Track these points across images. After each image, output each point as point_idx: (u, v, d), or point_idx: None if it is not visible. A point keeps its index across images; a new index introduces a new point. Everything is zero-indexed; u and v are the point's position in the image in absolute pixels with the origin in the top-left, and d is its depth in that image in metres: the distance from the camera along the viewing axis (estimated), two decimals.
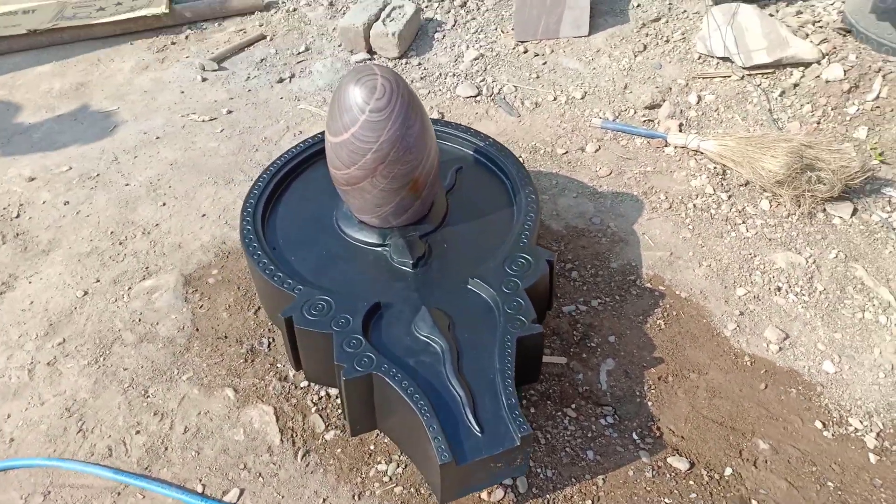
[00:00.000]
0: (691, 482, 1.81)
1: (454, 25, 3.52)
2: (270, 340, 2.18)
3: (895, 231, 2.38)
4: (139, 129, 3.12)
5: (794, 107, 2.82)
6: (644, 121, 2.89)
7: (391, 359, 1.70)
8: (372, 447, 1.90)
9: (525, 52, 3.30)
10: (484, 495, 1.76)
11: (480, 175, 2.23)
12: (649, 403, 1.98)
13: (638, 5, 3.42)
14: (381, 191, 1.86)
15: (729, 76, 2.96)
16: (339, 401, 1.99)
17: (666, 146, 2.75)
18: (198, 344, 2.18)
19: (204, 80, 3.40)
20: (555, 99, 3.04)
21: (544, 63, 3.23)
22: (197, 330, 2.23)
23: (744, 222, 2.46)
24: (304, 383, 2.05)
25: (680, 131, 2.80)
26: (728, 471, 1.83)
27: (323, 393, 2.02)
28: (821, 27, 2.99)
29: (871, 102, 2.72)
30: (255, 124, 3.10)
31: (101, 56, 3.64)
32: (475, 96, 3.10)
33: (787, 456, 1.85)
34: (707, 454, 1.86)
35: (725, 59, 3.00)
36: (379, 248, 1.99)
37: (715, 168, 2.64)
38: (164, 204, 2.72)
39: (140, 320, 2.27)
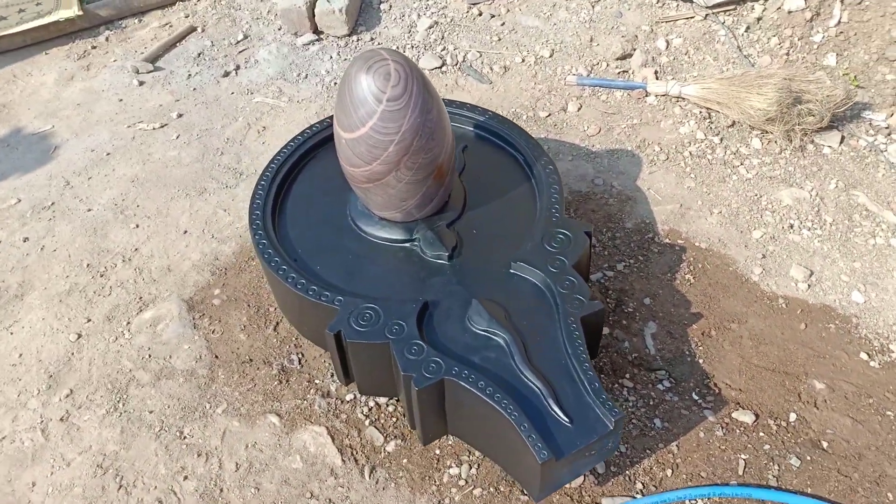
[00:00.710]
0: (761, 433, 1.83)
1: None
2: (300, 356, 2.05)
3: (884, 153, 2.44)
4: (84, 147, 2.86)
5: (762, 41, 2.85)
6: (619, 72, 2.85)
7: (457, 360, 1.62)
8: (438, 451, 1.83)
9: (480, 14, 3.19)
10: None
11: (487, 152, 2.15)
12: (700, 361, 1.98)
13: None
14: (407, 184, 1.76)
15: (692, 17, 2.96)
16: (392, 409, 1.91)
17: (647, 96, 2.73)
18: (222, 372, 2.03)
19: (141, 83, 3.14)
20: (523, 60, 2.96)
21: (502, 24, 3.14)
22: (216, 357, 2.08)
23: (741, 164, 2.48)
24: (349, 396, 1.95)
25: (657, 79, 2.78)
26: (792, 416, 1.86)
27: (372, 403, 1.93)
28: None
29: (833, 28, 2.77)
30: (212, 125, 2.90)
31: (15, 71, 3.31)
32: (440, 67, 2.99)
33: (843, 392, 1.89)
34: (768, 403, 1.88)
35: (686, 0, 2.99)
36: (407, 244, 1.89)
37: (700, 112, 2.65)
38: (136, 226, 2.51)
39: (150, 356, 2.10)
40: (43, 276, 2.36)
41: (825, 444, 1.81)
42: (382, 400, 1.93)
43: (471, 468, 1.79)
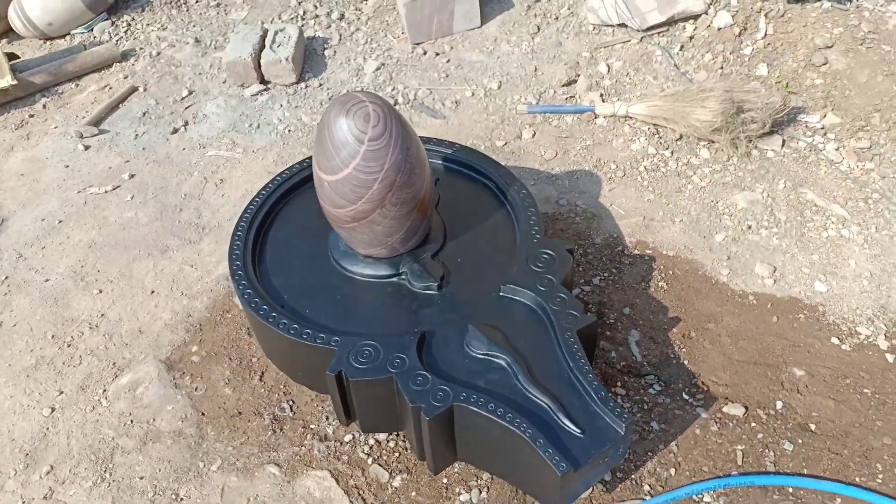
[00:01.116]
0: (753, 424, 1.89)
1: (341, 40, 3.42)
2: (291, 403, 2.02)
3: (823, 152, 2.60)
4: (34, 217, 2.78)
5: (696, 58, 3.00)
6: (566, 98, 2.96)
7: (462, 385, 1.63)
8: (445, 480, 1.83)
9: (425, 53, 3.27)
10: None
11: (459, 183, 2.19)
12: (685, 362, 2.04)
13: None
14: (392, 219, 1.78)
15: (629, 40, 3.10)
16: (393, 444, 1.89)
17: (596, 118, 2.84)
18: (212, 429, 1.98)
19: (86, 148, 3.08)
20: (473, 94, 3.04)
21: (448, 61, 3.22)
22: (203, 415, 2.03)
23: (694, 173, 2.59)
24: (348, 437, 1.93)
25: (603, 101, 2.89)
26: (779, 404, 1.93)
27: (372, 441, 1.91)
28: None
29: (761, 41, 2.95)
30: (167, 183, 2.86)
31: None
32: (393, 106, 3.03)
33: (822, 376, 1.98)
34: (755, 394, 1.95)
35: (621, 25, 3.13)
36: (394, 279, 1.91)
37: (648, 129, 2.76)
38: (99, 291, 2.44)
39: (133, 421, 2.03)
40: (5, 353, 2.27)
41: (813, 427, 1.88)
42: (382, 437, 1.92)
43: (481, 492, 1.79)
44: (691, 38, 3.03)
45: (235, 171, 2.87)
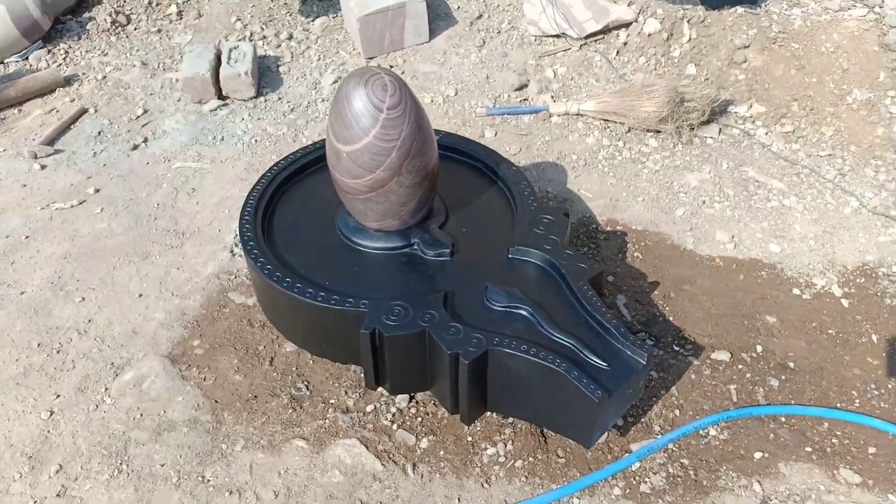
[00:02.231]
0: (740, 366, 2.09)
1: (293, 58, 3.52)
2: (306, 383, 2.06)
3: (754, 137, 2.90)
4: None
5: (632, 61, 3.29)
6: (520, 100, 3.16)
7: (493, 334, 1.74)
8: (470, 438, 1.91)
9: (379, 66, 3.40)
10: None
11: (450, 165, 2.31)
12: (671, 319, 2.22)
13: (458, 7, 3.70)
14: (407, 188, 1.88)
15: (569, 48, 3.35)
16: (414, 411, 1.96)
17: (551, 117, 3.05)
18: (228, 414, 1.99)
19: (43, 167, 3.01)
20: (432, 101, 3.19)
21: (402, 73, 3.37)
22: (216, 402, 2.03)
23: (647, 160, 2.83)
24: (370, 407, 1.98)
25: (554, 101, 3.11)
26: (759, 348, 2.13)
27: (394, 409, 1.97)
28: None
29: (687, 44, 3.26)
30: (136, 194, 2.84)
31: None
32: None
33: (791, 322, 2.21)
34: (737, 341, 2.15)
35: (560, 35, 3.39)
36: (406, 250, 2.00)
37: (599, 124, 2.99)
38: (82, 299, 2.39)
39: (143, 415, 2.01)
40: None
41: (792, 365, 2.09)
42: (403, 404, 1.98)
43: (506, 445, 1.88)
44: (625, 43, 3.32)
45: (206, 181, 2.88)
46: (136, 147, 3.08)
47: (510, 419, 1.93)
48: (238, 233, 2.00)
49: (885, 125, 2.91)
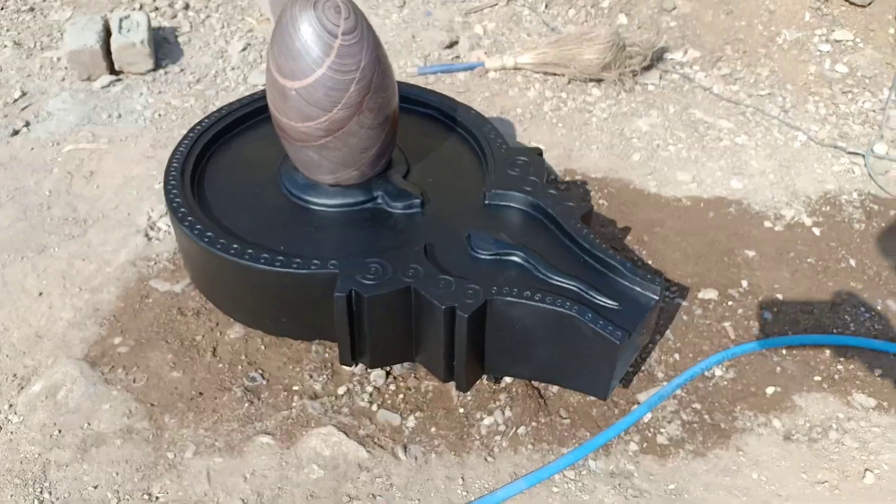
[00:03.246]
0: (729, 303, 1.96)
1: (192, 28, 3.16)
2: (259, 372, 1.76)
3: (694, 81, 2.82)
4: None
5: (562, 14, 3.15)
6: (452, 58, 2.95)
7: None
8: (461, 410, 1.68)
9: None
10: None
11: (404, 115, 2.06)
12: (650, 262, 2.07)
13: None
14: (369, 129, 1.63)
15: (496, 4, 3.18)
16: (394, 388, 1.71)
17: (487, 72, 2.86)
18: (170, 417, 1.67)
19: None
20: None
21: None
22: (153, 405, 1.70)
23: (593, 108, 2.69)
24: (342, 389, 1.72)
25: (488, 57, 2.92)
26: (744, 283, 2.02)
27: (370, 388, 1.72)
28: None
29: None
30: (21, 183, 2.43)
31: None
32: None
33: (769, 254, 2.11)
34: (720, 279, 2.03)
35: None
36: (369, 204, 1.75)
37: (539, 76, 2.83)
38: None
39: (62, 431, 1.66)
40: None
41: (780, 297, 1.99)
42: (380, 382, 1.73)
43: (503, 412, 1.67)
44: None
45: (105, 162, 2.51)
46: (16, 132, 2.65)
47: (502, 383, 1.72)
48: (165, 201, 1.68)
49: (815, 63, 2.90)
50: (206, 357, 1.80)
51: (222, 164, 1.89)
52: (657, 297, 1.51)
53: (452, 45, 3.00)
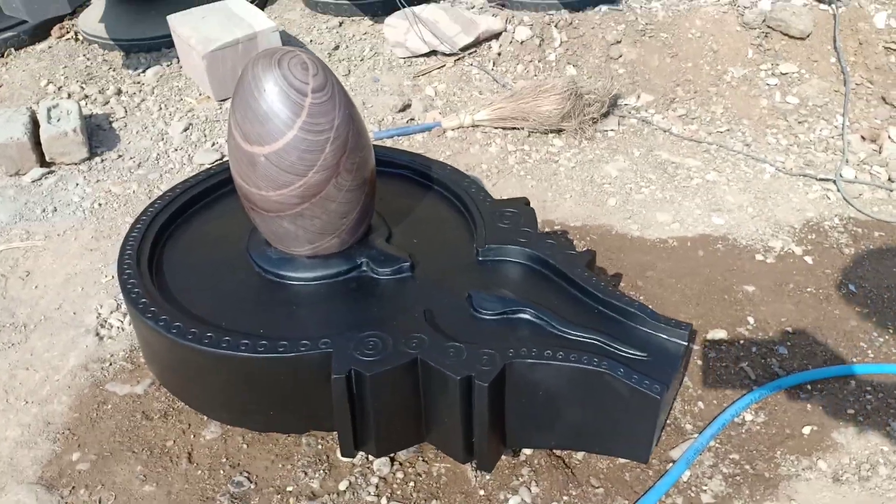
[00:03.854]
0: (741, 341, 1.87)
1: (127, 113, 3.00)
2: (245, 475, 1.55)
3: (652, 124, 2.80)
4: None
5: (510, 70, 3.11)
6: (406, 121, 2.86)
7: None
8: (482, 492, 1.50)
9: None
10: None
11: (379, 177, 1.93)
12: (650, 306, 1.96)
13: (311, 41, 3.38)
14: (347, 192, 1.49)
15: (444, 65, 3.12)
16: (401, 476, 1.52)
17: (445, 132, 2.77)
18: None
19: None
20: None
21: None
22: None
23: (559, 159, 2.62)
24: (343, 485, 1.51)
25: (444, 117, 2.84)
26: (751, 319, 1.93)
27: (375, 479, 1.52)
28: (482, 8, 3.35)
29: (560, 47, 3.15)
30: None
31: None
32: (221, 159, 2.69)
33: (769, 288, 2.03)
34: (726, 317, 1.93)
35: (431, 53, 3.16)
36: (353, 273, 1.59)
37: (497, 132, 2.76)
38: None
39: None
40: None
41: (790, 329, 1.90)
42: (385, 470, 1.53)
43: (530, 489, 1.49)
44: (499, 53, 3.15)
45: (43, 260, 2.28)
46: None
47: (521, 455, 1.55)
48: (123, 293, 1.48)
49: (766, 97, 2.92)
50: (182, 464, 1.57)
51: (182, 246, 1.71)
52: (686, 343, 1.38)
53: (405, 108, 2.92)
